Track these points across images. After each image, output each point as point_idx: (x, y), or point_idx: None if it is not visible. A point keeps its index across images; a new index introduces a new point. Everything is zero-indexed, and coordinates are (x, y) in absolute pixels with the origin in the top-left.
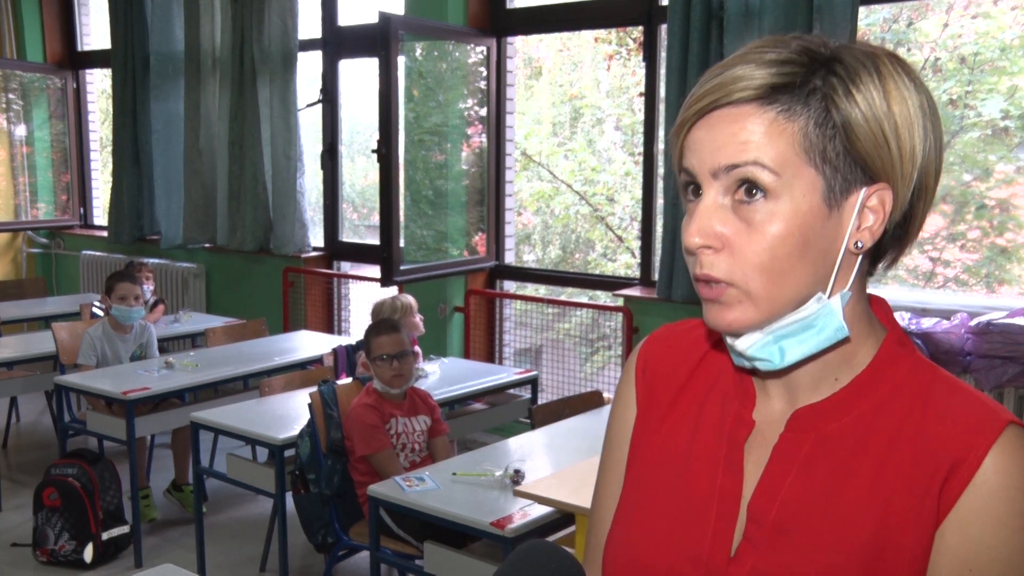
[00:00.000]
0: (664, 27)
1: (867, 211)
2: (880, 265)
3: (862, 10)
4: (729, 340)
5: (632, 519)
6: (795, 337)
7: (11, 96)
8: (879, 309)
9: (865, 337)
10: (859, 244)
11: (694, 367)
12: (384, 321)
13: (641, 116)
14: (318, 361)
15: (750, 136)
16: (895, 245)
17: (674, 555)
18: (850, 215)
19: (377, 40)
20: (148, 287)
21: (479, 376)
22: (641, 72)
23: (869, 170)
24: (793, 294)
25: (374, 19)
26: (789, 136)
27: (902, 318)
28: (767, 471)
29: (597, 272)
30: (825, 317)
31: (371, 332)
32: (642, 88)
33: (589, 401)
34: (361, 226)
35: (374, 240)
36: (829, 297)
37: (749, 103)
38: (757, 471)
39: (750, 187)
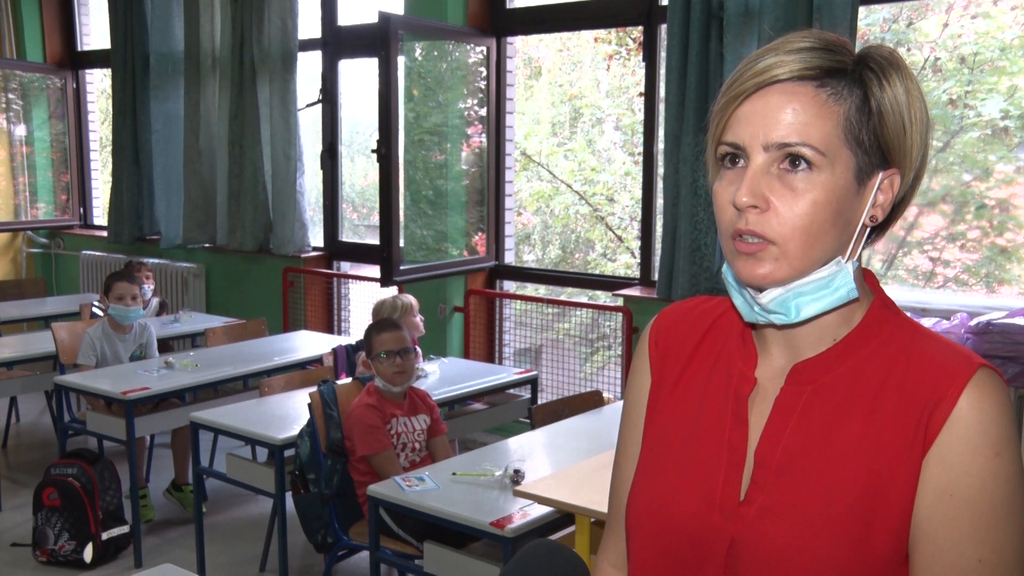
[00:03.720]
0: (664, 27)
1: (879, 192)
2: (872, 239)
3: (862, 10)
4: (752, 292)
5: (652, 472)
6: (811, 295)
7: (11, 96)
8: (867, 277)
9: (861, 300)
10: (874, 218)
11: (702, 336)
12: (385, 319)
13: (641, 116)
14: (318, 361)
15: (802, 117)
16: (886, 223)
17: (691, 500)
18: (870, 193)
19: (377, 40)
20: (148, 287)
21: (479, 376)
22: (641, 72)
23: (888, 155)
24: (820, 256)
25: (374, 19)
26: (835, 119)
27: None
28: (770, 421)
29: (597, 272)
30: (841, 279)
31: (372, 330)
32: (642, 88)
33: (589, 401)
34: (361, 226)
35: (374, 240)
36: (847, 262)
37: (805, 82)
38: (761, 422)
39: (795, 158)
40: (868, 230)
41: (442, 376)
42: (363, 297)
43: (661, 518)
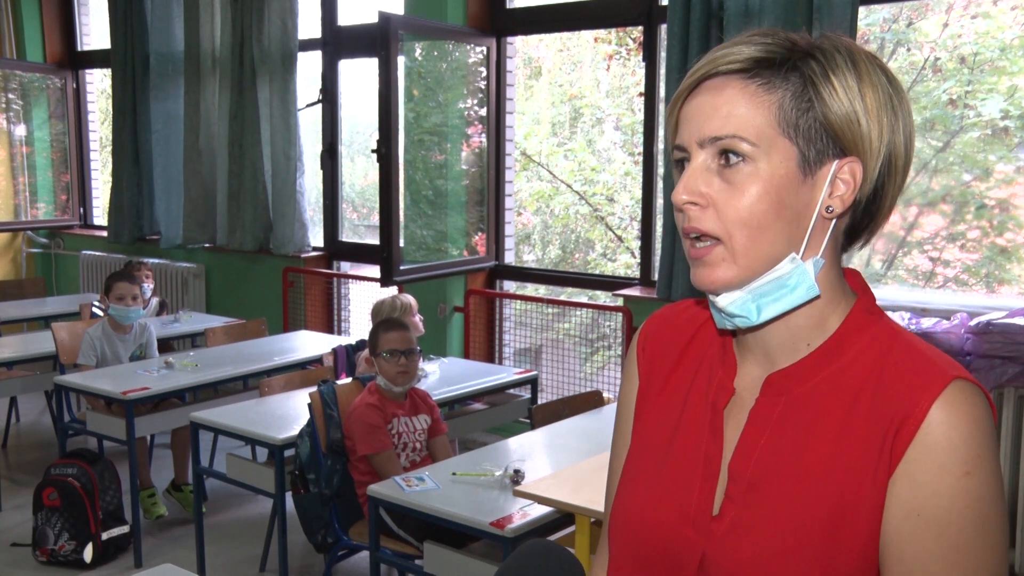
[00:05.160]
0: (664, 27)
1: (839, 181)
2: (856, 244)
3: (862, 10)
4: (712, 298)
5: (632, 480)
6: (771, 295)
7: (11, 96)
8: (852, 279)
9: (836, 304)
10: (830, 209)
11: (688, 342)
12: (393, 319)
13: (641, 116)
14: (318, 361)
15: (732, 109)
16: (867, 221)
17: (666, 512)
18: (823, 183)
19: (377, 40)
20: (148, 286)
21: (479, 376)
22: (641, 72)
23: (841, 143)
24: (769, 250)
25: (374, 19)
26: (767, 109)
27: (902, 318)
28: (744, 433)
29: (597, 272)
30: (798, 276)
31: (379, 328)
32: (642, 88)
33: (589, 401)
34: (361, 226)
35: (374, 240)
36: (803, 258)
37: (734, 75)
38: (737, 433)
39: (730, 152)
40: (833, 223)
41: (442, 376)
42: (363, 297)
43: (636, 527)
